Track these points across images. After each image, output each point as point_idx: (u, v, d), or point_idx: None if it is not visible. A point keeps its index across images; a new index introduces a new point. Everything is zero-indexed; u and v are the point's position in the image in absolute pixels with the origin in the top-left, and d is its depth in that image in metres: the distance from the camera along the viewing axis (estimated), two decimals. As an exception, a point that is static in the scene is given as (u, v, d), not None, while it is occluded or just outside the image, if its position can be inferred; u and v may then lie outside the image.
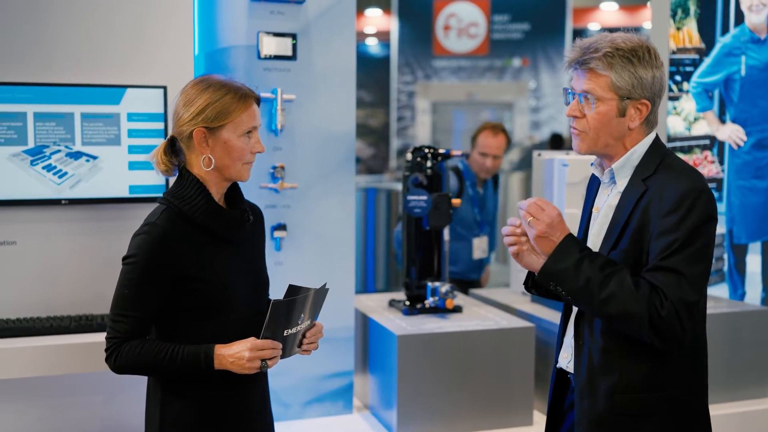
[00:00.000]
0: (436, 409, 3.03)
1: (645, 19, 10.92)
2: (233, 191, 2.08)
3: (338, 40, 3.18)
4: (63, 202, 2.76)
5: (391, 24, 10.66)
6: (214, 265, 1.98)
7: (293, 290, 2.04)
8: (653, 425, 1.86)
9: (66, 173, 2.75)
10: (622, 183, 1.92)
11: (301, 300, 1.98)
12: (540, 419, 3.20)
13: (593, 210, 2.01)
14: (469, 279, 4.60)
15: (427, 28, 10.54)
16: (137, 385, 2.78)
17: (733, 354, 3.31)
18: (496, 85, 10.56)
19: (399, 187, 7.86)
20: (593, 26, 11.10)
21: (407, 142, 10.67)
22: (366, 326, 3.35)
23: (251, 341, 1.92)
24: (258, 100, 2.03)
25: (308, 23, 3.12)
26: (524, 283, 2.10)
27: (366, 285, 7.37)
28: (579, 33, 10.69)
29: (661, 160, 1.88)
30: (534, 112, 10.45)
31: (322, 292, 2.06)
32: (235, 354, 1.91)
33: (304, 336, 2.06)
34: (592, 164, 2.02)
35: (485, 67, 10.53)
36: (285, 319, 1.96)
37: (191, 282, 1.95)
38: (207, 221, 1.97)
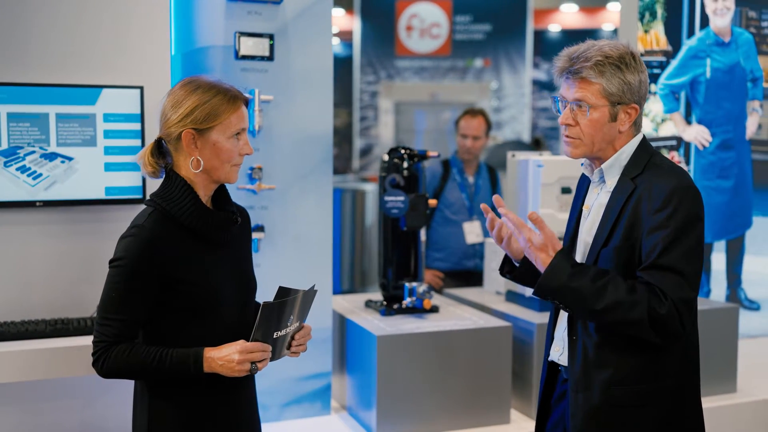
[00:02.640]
0: (415, 409, 3.05)
1: (605, 21, 11.08)
2: (220, 193, 2.07)
3: (315, 41, 3.17)
4: (38, 204, 2.70)
5: (354, 24, 10.65)
6: (202, 267, 1.97)
7: (283, 292, 2.03)
8: (647, 415, 1.92)
9: (41, 175, 2.70)
10: (611, 182, 1.99)
11: (291, 302, 1.97)
12: (517, 417, 3.24)
13: (583, 208, 2.07)
14: (465, 268, 4.58)
15: (389, 28, 10.55)
16: (116, 388, 2.76)
17: (700, 350, 3.37)
18: (458, 85, 10.62)
19: (364, 186, 7.85)
20: (554, 27, 11.22)
21: (370, 142, 10.67)
22: (343, 327, 3.35)
23: (241, 344, 1.91)
24: (247, 102, 2.01)
25: (285, 24, 3.11)
26: (500, 269, 2.16)
27: (333, 286, 7.33)
28: (540, 34, 10.81)
29: (649, 160, 1.96)
30: (496, 112, 10.54)
31: (310, 294, 2.06)
32: (225, 357, 1.90)
33: (292, 338, 2.06)
34: (582, 164, 2.08)
35: (447, 67, 10.59)
36: (274, 321, 1.95)
37: (179, 284, 1.93)
38: (194, 223, 1.96)
